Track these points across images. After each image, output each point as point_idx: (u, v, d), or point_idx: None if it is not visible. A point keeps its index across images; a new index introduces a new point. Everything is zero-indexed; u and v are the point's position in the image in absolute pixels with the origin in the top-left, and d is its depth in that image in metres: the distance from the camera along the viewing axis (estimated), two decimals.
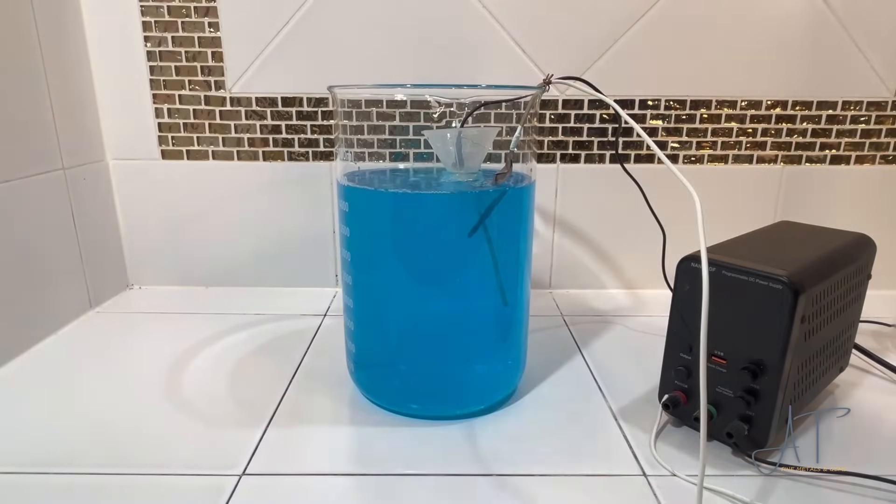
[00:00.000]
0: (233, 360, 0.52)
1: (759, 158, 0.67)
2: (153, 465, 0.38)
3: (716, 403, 0.39)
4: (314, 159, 0.67)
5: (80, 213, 0.61)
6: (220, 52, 0.63)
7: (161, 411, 0.44)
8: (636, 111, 0.65)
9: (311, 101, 0.65)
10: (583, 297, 0.69)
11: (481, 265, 0.41)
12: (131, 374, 0.50)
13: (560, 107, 0.65)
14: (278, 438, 0.41)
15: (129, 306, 0.65)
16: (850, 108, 0.66)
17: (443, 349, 0.42)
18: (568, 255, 0.70)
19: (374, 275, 0.42)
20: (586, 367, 0.52)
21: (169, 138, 0.66)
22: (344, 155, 0.44)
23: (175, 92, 0.64)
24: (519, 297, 0.44)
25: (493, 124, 0.42)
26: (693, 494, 0.35)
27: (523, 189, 0.42)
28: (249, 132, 0.66)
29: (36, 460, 0.38)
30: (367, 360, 0.45)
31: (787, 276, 0.35)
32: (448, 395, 0.44)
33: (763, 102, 0.65)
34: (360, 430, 0.42)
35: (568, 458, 0.39)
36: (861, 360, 0.53)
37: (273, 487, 0.36)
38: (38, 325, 0.56)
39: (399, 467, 0.38)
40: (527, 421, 0.44)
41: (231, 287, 0.70)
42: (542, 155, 0.67)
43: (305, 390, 0.47)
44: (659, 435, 0.41)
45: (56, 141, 0.58)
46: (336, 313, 0.63)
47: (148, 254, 0.69)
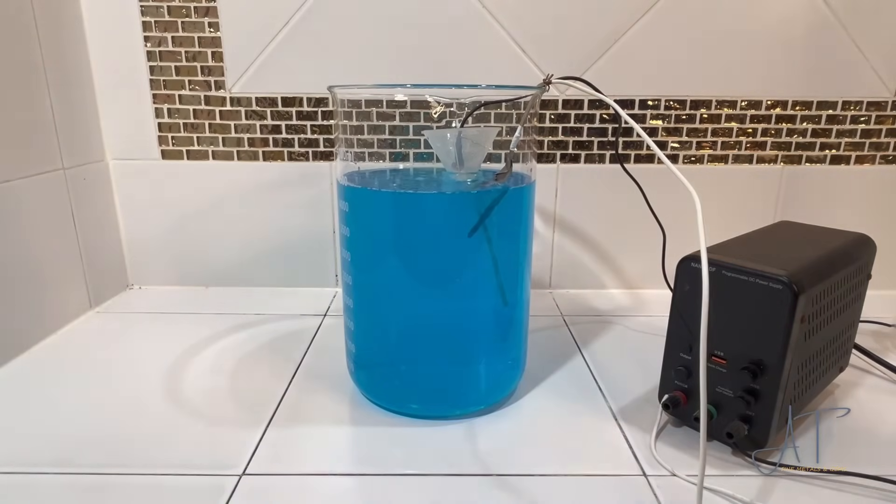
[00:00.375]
0: (233, 360, 0.52)
1: (759, 158, 0.67)
2: (153, 465, 0.38)
3: (716, 403, 0.39)
4: (314, 159, 0.67)
5: (80, 213, 0.61)
6: (220, 52, 0.63)
7: (161, 411, 0.44)
8: (636, 111, 0.65)
9: (311, 101, 0.65)
10: (583, 297, 0.69)
11: (481, 265, 0.41)
12: (131, 374, 0.50)
13: (560, 107, 0.65)
14: (278, 438, 0.41)
15: (129, 306, 0.65)
16: (850, 108, 0.66)
17: (443, 349, 0.42)
18: (568, 255, 0.70)
19: (374, 275, 0.42)
20: (586, 367, 0.52)
21: (169, 138, 0.66)
22: (344, 155, 0.44)
23: (175, 92, 0.64)
24: (519, 297, 0.44)
25: (493, 124, 0.42)
26: (693, 494, 0.35)
27: (523, 189, 0.42)
28: (249, 132, 0.66)
29: (36, 460, 0.38)
30: (367, 360, 0.45)
31: (787, 276, 0.35)
32: (448, 395, 0.44)
33: (763, 102, 0.65)
34: (360, 430, 0.42)
35: (568, 458, 0.39)
36: (861, 360, 0.53)
37: (273, 487, 0.36)
38: (38, 325, 0.56)
39: (399, 467, 0.38)
40: (527, 421, 0.44)
41: (231, 287, 0.70)
42: (542, 155, 0.67)
43: (305, 390, 0.47)
44: (659, 435, 0.41)
45: (56, 141, 0.58)
46: (336, 313, 0.63)
47: (148, 254, 0.69)
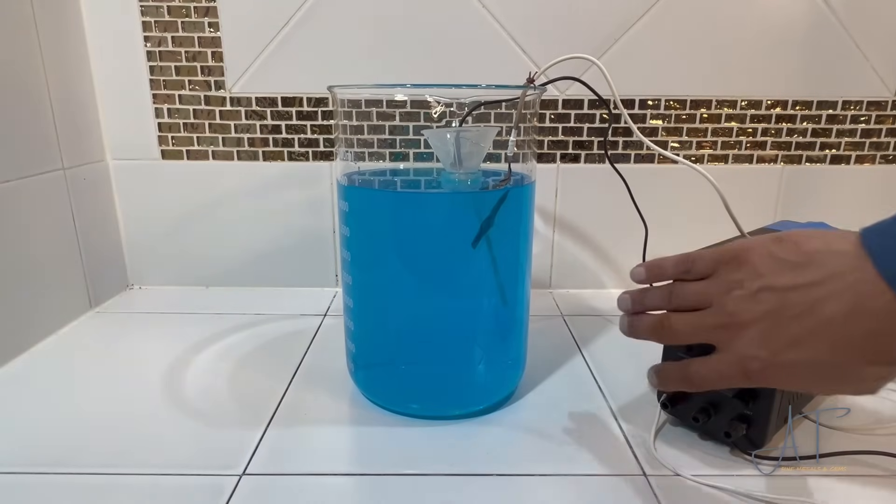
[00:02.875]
0: (233, 360, 0.52)
1: (759, 158, 0.67)
2: (153, 465, 0.38)
3: (714, 403, 0.39)
4: (314, 159, 0.67)
5: (80, 213, 0.61)
6: (220, 52, 0.63)
7: (161, 411, 0.44)
8: (636, 111, 0.65)
9: (311, 101, 0.65)
10: (583, 296, 0.69)
11: (481, 265, 0.41)
12: (131, 374, 0.50)
13: (560, 107, 0.65)
14: (278, 438, 0.41)
15: (129, 306, 0.65)
16: (850, 108, 0.66)
17: (443, 349, 0.42)
18: (568, 254, 0.70)
19: (374, 274, 0.42)
20: (586, 366, 0.52)
21: (169, 138, 0.66)
22: (344, 155, 0.44)
23: (175, 92, 0.64)
24: (519, 297, 0.44)
25: (492, 124, 0.42)
26: (693, 494, 0.35)
27: (523, 189, 0.42)
28: (249, 132, 0.66)
29: (36, 460, 0.38)
30: (367, 360, 0.45)
31: None
32: (448, 395, 0.44)
33: (763, 102, 0.65)
34: (360, 430, 0.42)
35: (568, 457, 0.39)
36: None
37: (273, 487, 0.36)
38: (38, 325, 0.56)
39: (399, 467, 0.38)
40: (527, 421, 0.43)
41: (231, 287, 0.70)
42: (542, 155, 0.67)
43: (305, 390, 0.47)
44: (658, 434, 0.41)
45: (56, 141, 0.58)
46: (336, 313, 0.63)
47: (148, 254, 0.69)
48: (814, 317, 0.27)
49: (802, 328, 0.27)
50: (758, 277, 0.29)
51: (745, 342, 0.29)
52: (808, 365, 0.28)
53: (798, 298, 0.28)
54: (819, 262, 0.28)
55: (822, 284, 0.27)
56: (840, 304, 0.27)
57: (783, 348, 0.28)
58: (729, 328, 0.30)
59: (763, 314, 0.29)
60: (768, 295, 0.29)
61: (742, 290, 0.29)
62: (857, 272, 0.26)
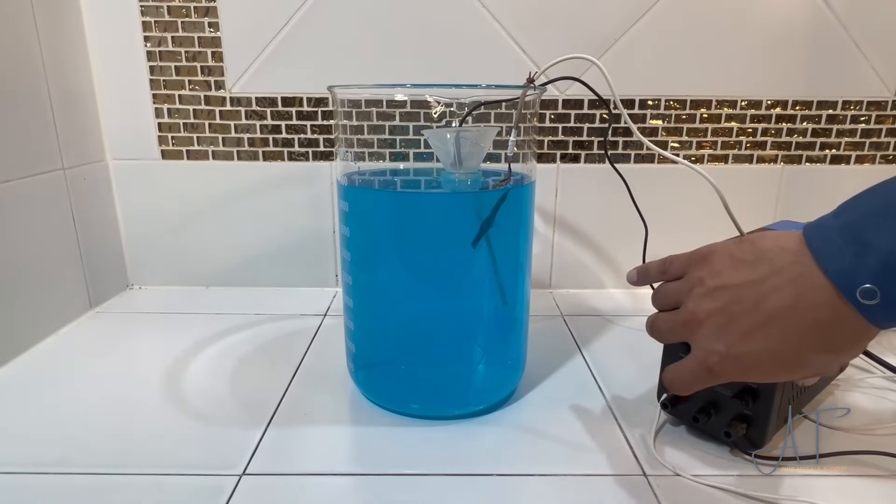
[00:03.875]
0: (233, 360, 0.52)
1: (759, 158, 0.67)
2: (153, 465, 0.38)
3: (714, 403, 0.39)
4: (314, 159, 0.67)
5: (80, 213, 0.61)
6: (220, 52, 0.63)
7: (161, 411, 0.44)
8: (636, 111, 0.65)
9: (311, 101, 0.65)
10: (583, 297, 0.69)
11: (481, 265, 0.41)
12: (131, 374, 0.50)
13: (560, 107, 0.65)
14: (278, 438, 0.41)
15: (129, 306, 0.65)
16: (850, 108, 0.66)
17: (443, 349, 0.42)
18: (568, 255, 0.70)
19: (374, 274, 0.42)
20: (586, 366, 0.52)
21: (169, 138, 0.66)
22: (344, 155, 0.44)
23: (175, 92, 0.64)
24: (519, 297, 0.44)
25: (492, 124, 0.42)
26: (693, 494, 0.35)
27: (523, 189, 0.42)
28: (249, 132, 0.66)
29: (36, 460, 0.38)
30: (367, 360, 0.45)
31: None
32: (448, 395, 0.44)
33: (763, 102, 0.65)
34: (360, 429, 0.42)
35: (568, 458, 0.39)
36: (861, 360, 0.52)
37: (273, 487, 0.36)
38: (38, 325, 0.56)
39: (399, 467, 0.38)
40: (527, 421, 0.44)
41: (231, 287, 0.70)
42: (542, 155, 0.67)
43: (305, 390, 0.47)
44: (658, 434, 0.41)
45: (56, 141, 0.58)
46: (336, 313, 0.63)
47: (148, 254, 0.69)
48: (762, 310, 0.29)
49: (753, 321, 0.29)
50: (716, 276, 0.31)
51: (704, 338, 0.31)
52: (760, 356, 0.29)
53: (748, 294, 0.29)
54: (768, 259, 0.29)
55: (767, 279, 0.29)
56: (784, 297, 0.28)
57: (736, 341, 0.29)
58: (690, 325, 0.31)
59: (717, 310, 0.30)
60: (722, 292, 0.30)
61: (702, 287, 0.31)
62: (799, 266, 0.28)
